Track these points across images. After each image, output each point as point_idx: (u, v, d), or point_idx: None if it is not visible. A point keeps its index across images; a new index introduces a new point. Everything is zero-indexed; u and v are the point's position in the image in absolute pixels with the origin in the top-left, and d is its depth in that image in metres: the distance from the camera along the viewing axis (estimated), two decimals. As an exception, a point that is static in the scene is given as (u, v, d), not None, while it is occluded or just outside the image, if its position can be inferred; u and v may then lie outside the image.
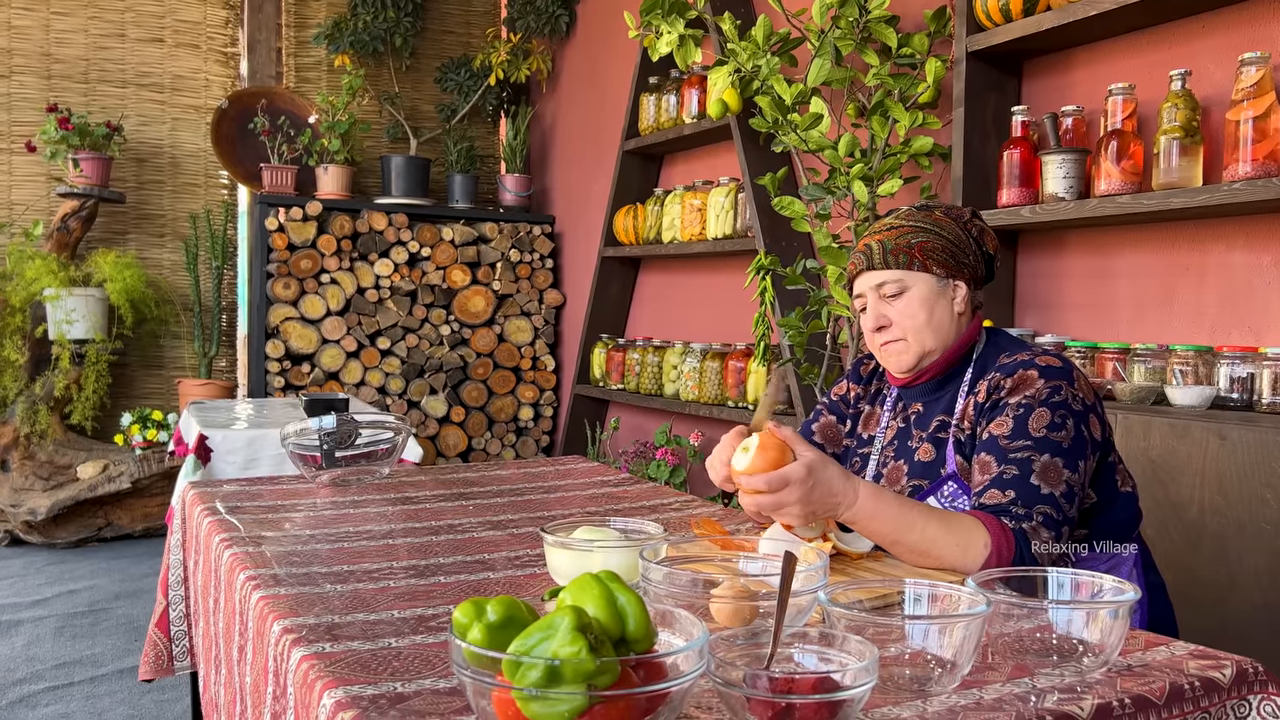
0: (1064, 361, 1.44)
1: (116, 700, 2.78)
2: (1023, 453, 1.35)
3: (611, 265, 4.32)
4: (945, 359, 1.52)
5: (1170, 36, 2.29)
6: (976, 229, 1.55)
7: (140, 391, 4.97)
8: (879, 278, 1.52)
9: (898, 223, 1.54)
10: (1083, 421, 1.39)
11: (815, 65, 2.59)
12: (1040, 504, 1.32)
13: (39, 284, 4.38)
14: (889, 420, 1.61)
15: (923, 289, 1.50)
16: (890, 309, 1.51)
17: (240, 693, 1.28)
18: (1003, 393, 1.42)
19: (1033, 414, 1.37)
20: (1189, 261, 2.26)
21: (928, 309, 1.49)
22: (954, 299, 1.51)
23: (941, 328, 1.50)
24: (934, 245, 1.50)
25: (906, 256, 1.50)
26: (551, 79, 5.12)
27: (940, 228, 1.52)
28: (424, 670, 0.97)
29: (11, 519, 4.40)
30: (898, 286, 1.50)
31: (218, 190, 5.07)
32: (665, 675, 0.80)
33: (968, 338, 1.53)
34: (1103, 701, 0.92)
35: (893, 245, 1.51)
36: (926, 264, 1.50)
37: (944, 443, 1.49)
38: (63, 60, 4.78)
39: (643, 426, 4.25)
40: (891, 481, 1.54)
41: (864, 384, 1.70)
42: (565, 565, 1.25)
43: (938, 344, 1.51)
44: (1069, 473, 1.35)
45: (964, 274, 1.52)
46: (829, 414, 1.72)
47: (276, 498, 1.84)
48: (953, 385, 1.53)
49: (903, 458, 1.55)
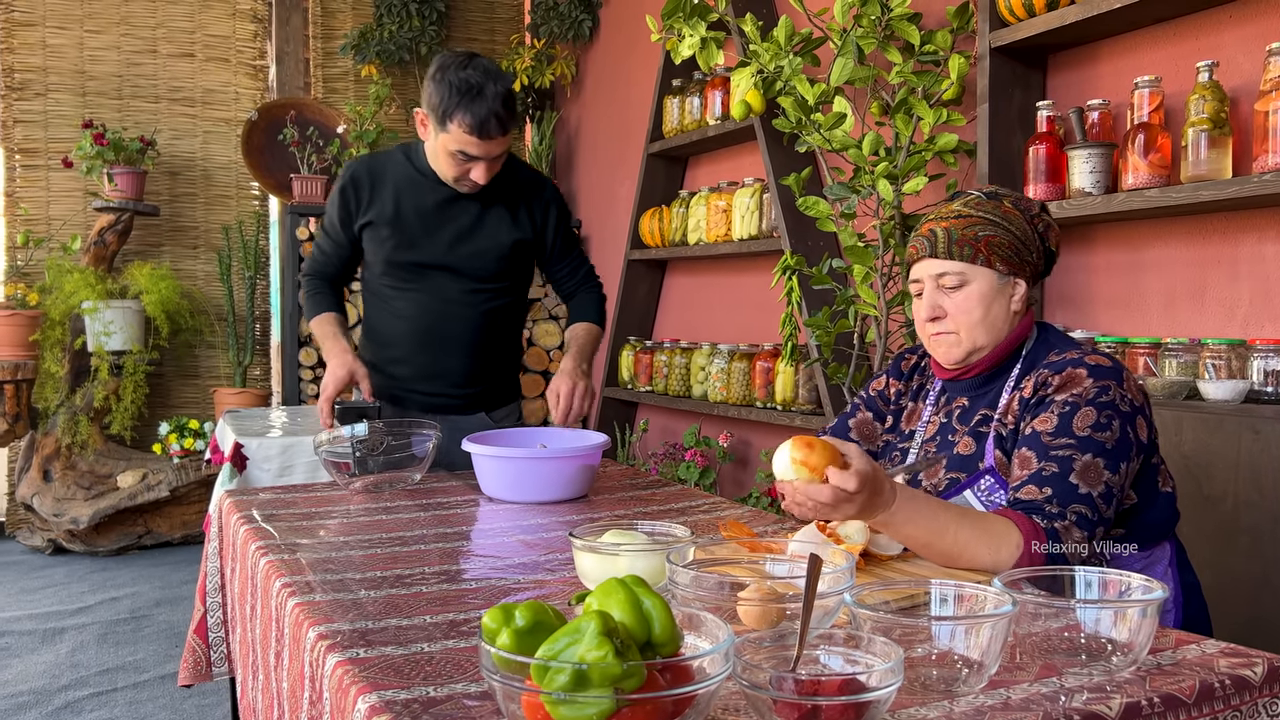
0: (1114, 362, 1.41)
1: (159, 706, 2.83)
2: (1064, 450, 1.34)
3: (638, 268, 4.33)
4: (995, 355, 1.50)
5: (1196, 27, 2.27)
6: (1043, 224, 1.52)
7: (177, 401, 5.05)
8: (940, 267, 1.49)
9: (967, 211, 1.50)
10: (1129, 423, 1.37)
11: (838, 64, 2.58)
12: (1076, 503, 1.31)
13: (77, 297, 4.46)
14: (931, 415, 1.60)
15: (983, 285, 1.47)
16: (947, 300, 1.49)
17: (277, 698, 1.31)
18: (1050, 390, 1.40)
19: (1079, 412, 1.36)
20: (1220, 254, 2.24)
21: (985, 305, 1.47)
22: (1012, 296, 1.49)
23: (996, 325, 1.48)
24: (1000, 240, 1.47)
25: (971, 249, 1.47)
26: (575, 84, 5.14)
27: (1009, 222, 1.48)
28: (455, 675, 0.99)
29: (55, 528, 4.49)
30: (958, 279, 1.48)
31: (249, 201, 5.15)
32: (691, 678, 0.81)
33: (1019, 334, 1.51)
34: (1131, 701, 0.92)
35: (959, 235, 1.48)
36: (990, 259, 1.47)
37: (984, 436, 1.48)
38: (97, 77, 4.87)
39: (671, 428, 4.26)
40: (930, 475, 1.52)
41: (905, 379, 1.68)
42: (594, 569, 1.26)
43: (989, 341, 1.49)
44: (1109, 474, 1.33)
45: (1025, 271, 1.49)
46: (865, 410, 1.71)
47: (310, 505, 1.86)
48: (999, 380, 1.51)
49: (943, 451, 1.53)
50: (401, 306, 2.28)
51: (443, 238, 2.22)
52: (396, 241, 2.22)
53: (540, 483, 1.88)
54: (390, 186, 2.22)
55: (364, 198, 2.23)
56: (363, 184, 2.23)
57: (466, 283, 2.25)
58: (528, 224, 2.28)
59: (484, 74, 2.02)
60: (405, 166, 2.24)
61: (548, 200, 2.32)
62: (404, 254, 2.23)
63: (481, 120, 2.01)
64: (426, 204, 2.21)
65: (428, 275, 2.24)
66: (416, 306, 2.26)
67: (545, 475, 1.88)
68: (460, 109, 2.01)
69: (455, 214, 2.23)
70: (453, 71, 2.03)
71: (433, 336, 2.26)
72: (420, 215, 2.22)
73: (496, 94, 2.02)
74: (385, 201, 2.22)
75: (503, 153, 2.12)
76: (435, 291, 2.25)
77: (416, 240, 2.22)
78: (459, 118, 2.02)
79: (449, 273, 2.24)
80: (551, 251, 2.35)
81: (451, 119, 2.03)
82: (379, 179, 2.23)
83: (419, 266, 2.24)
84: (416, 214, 2.21)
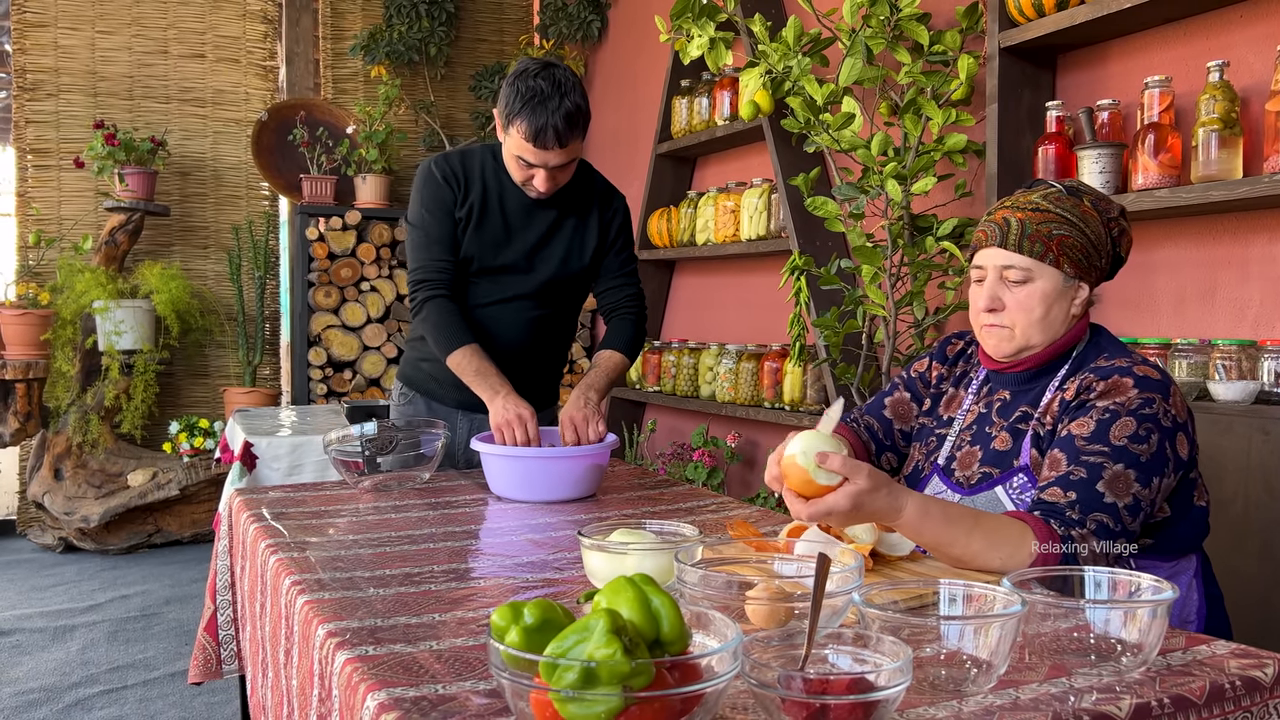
0: (1163, 375, 1.39)
1: (169, 703, 2.85)
2: (1096, 457, 1.32)
3: (646, 268, 4.33)
4: (1046, 354, 1.48)
5: (1207, 27, 2.26)
6: (1119, 229, 1.49)
7: (187, 400, 5.07)
8: (1007, 259, 1.45)
9: (1045, 205, 1.45)
10: (1169, 438, 1.34)
11: (846, 65, 2.58)
12: (1099, 511, 1.29)
13: (89, 296, 4.49)
14: (971, 404, 1.58)
15: (1047, 284, 1.44)
16: (1008, 294, 1.46)
17: (287, 695, 1.31)
18: (1092, 395, 1.38)
19: (1118, 421, 1.34)
20: (1230, 255, 2.23)
21: (1046, 305, 1.44)
22: (1074, 299, 1.46)
23: (1053, 325, 1.46)
24: (1074, 242, 1.44)
25: (1043, 246, 1.43)
26: (584, 84, 5.14)
27: (1086, 223, 1.45)
28: (464, 672, 0.99)
29: (65, 526, 4.51)
30: (1023, 275, 1.44)
31: (259, 201, 5.17)
32: (700, 676, 0.81)
33: (1073, 336, 1.48)
34: (1141, 701, 0.92)
35: (1032, 230, 1.44)
36: (1059, 260, 1.43)
37: (1022, 434, 1.46)
38: (108, 78, 4.90)
39: (679, 428, 4.26)
40: (964, 466, 1.51)
41: (949, 365, 1.67)
42: (602, 567, 1.26)
43: (1043, 340, 1.47)
44: (1139, 486, 1.31)
45: (1092, 276, 1.47)
46: (904, 390, 1.69)
47: (320, 503, 1.87)
48: (1045, 379, 1.49)
49: (979, 443, 1.51)
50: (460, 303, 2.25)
51: (526, 238, 2.21)
52: (484, 239, 2.20)
53: (549, 482, 1.88)
54: (480, 181, 2.21)
55: (462, 187, 2.21)
56: (459, 174, 2.21)
57: (532, 287, 2.23)
58: (595, 235, 2.26)
59: (553, 84, 2.01)
60: (493, 165, 2.22)
61: (615, 210, 2.30)
62: (489, 252, 2.21)
63: (538, 129, 2.01)
64: (512, 205, 2.21)
65: (501, 276, 2.23)
66: (476, 303, 2.24)
67: (554, 475, 1.88)
68: (521, 115, 2.02)
69: (536, 219, 2.22)
70: (526, 78, 2.02)
71: (485, 335, 2.22)
72: (504, 216, 2.21)
73: (560, 106, 2.01)
74: (475, 195, 2.20)
75: (566, 164, 2.10)
76: (498, 293, 2.23)
77: (499, 240, 2.21)
78: (518, 123, 2.03)
79: (519, 274, 2.23)
80: (606, 264, 2.31)
81: (512, 123, 2.04)
82: (470, 172, 2.22)
83: (497, 266, 2.22)
84: (500, 214, 2.21)
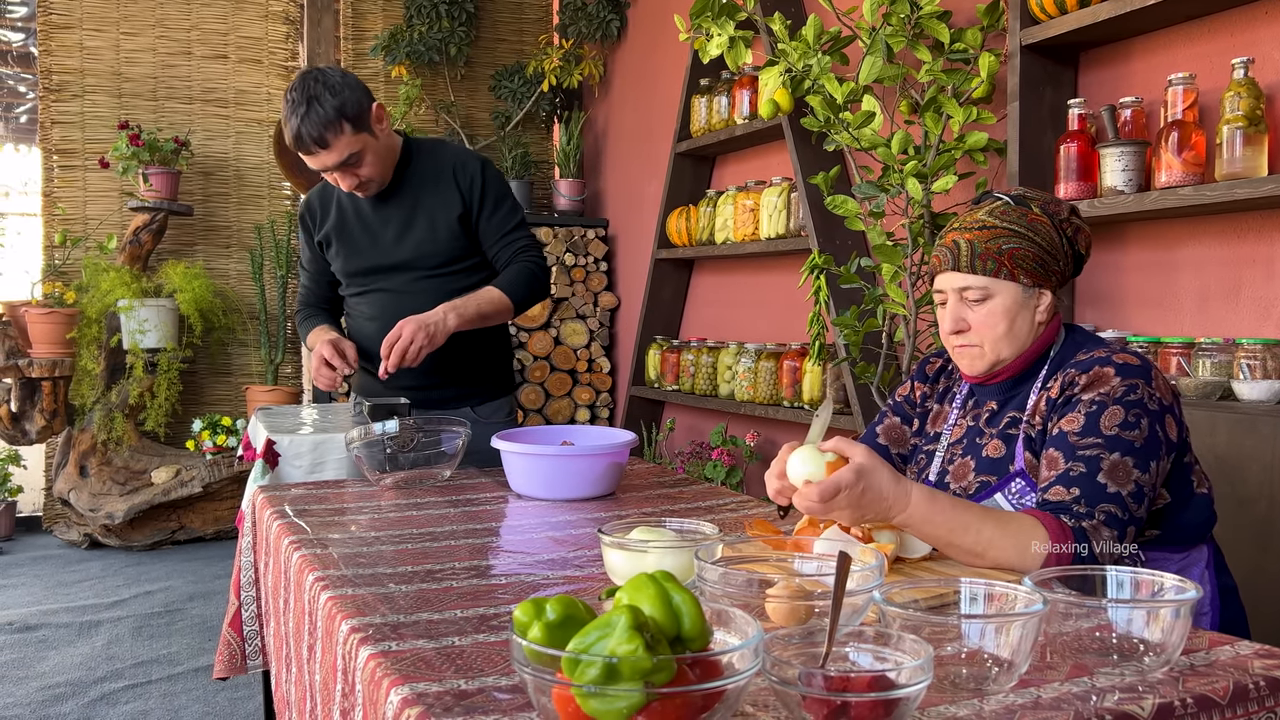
0: (1142, 360, 1.40)
1: (192, 698, 2.87)
2: (1092, 450, 1.33)
3: (665, 267, 4.33)
4: (1020, 363, 1.50)
5: (1231, 23, 2.24)
6: (1072, 229, 1.50)
7: (210, 398, 5.11)
8: (963, 281, 1.47)
9: (991, 222, 1.47)
10: (1158, 421, 1.36)
11: (867, 63, 2.57)
12: (1105, 502, 1.30)
13: (113, 295, 4.53)
14: (957, 418, 1.59)
15: (1007, 299, 1.46)
16: (971, 314, 1.48)
17: (310, 690, 1.33)
18: (1077, 389, 1.39)
19: (1106, 411, 1.35)
20: (1255, 253, 2.21)
21: (1009, 319, 1.46)
22: (1037, 307, 1.48)
23: (1019, 337, 1.47)
24: (1026, 253, 1.45)
25: (995, 263, 1.45)
26: (603, 84, 5.15)
27: (1035, 231, 1.46)
28: (486, 668, 1.00)
29: (90, 523, 4.56)
30: (982, 294, 1.46)
31: (281, 201, 5.20)
32: (721, 673, 0.81)
33: (1045, 340, 1.50)
34: (1164, 701, 0.91)
35: (982, 249, 1.45)
36: (1014, 273, 1.45)
37: (1014, 439, 1.47)
38: (132, 79, 4.95)
39: (698, 427, 4.26)
40: (958, 478, 1.52)
41: (930, 383, 1.68)
42: (622, 565, 1.27)
43: (1013, 352, 1.48)
44: (1139, 473, 1.32)
45: (1051, 281, 1.48)
46: (894, 416, 1.71)
47: (342, 501, 1.89)
48: (1028, 383, 1.51)
49: (970, 454, 1.52)
50: (366, 310, 2.41)
51: (386, 236, 2.35)
52: (347, 251, 2.39)
53: (569, 480, 1.89)
54: (334, 204, 2.40)
55: (316, 218, 2.43)
56: (314, 207, 2.44)
57: (418, 273, 2.35)
58: (457, 200, 2.35)
59: (303, 92, 2.14)
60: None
61: (472, 175, 2.37)
62: (355, 262, 2.39)
63: (294, 137, 2.16)
64: (364, 210, 2.36)
65: (382, 275, 2.37)
66: (377, 306, 2.39)
67: (574, 473, 1.89)
68: (286, 127, 2.17)
69: (390, 213, 2.35)
70: (288, 92, 2.18)
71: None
72: (361, 221, 2.37)
73: (310, 112, 2.12)
74: (331, 218, 2.40)
75: (347, 159, 2.19)
76: (392, 289, 2.37)
77: (361, 246, 2.37)
78: (287, 135, 2.18)
79: (400, 269, 2.36)
80: (477, 222, 2.38)
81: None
82: (326, 200, 2.42)
83: (371, 270, 2.38)
84: (358, 221, 2.37)
